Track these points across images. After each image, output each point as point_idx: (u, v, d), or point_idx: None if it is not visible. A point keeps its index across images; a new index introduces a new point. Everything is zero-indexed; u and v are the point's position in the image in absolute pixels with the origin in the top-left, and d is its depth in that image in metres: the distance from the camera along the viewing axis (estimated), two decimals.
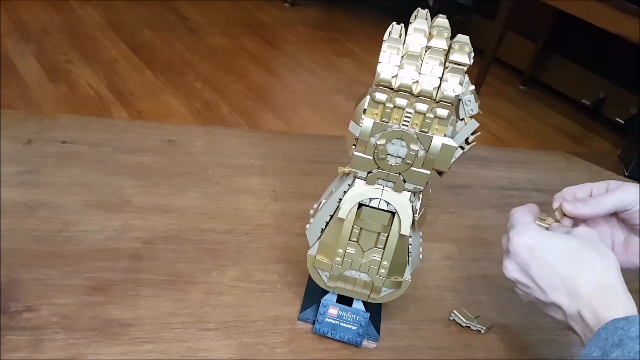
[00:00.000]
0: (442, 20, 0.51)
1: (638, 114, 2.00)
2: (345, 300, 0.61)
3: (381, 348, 0.62)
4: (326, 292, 0.61)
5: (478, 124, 0.52)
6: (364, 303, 0.61)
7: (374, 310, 0.62)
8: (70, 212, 0.69)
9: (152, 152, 0.82)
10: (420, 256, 0.60)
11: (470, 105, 0.52)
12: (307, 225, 0.59)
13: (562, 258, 0.51)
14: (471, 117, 0.52)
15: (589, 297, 0.49)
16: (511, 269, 0.54)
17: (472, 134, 0.52)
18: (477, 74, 2.35)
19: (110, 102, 1.77)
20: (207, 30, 2.36)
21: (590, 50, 2.26)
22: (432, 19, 0.52)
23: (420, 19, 0.50)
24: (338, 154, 0.91)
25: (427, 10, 0.51)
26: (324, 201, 0.57)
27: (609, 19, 1.84)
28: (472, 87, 0.52)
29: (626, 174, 1.05)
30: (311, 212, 0.60)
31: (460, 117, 0.52)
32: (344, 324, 0.60)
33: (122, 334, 0.56)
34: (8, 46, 1.93)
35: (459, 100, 0.51)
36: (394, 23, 0.51)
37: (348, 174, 0.54)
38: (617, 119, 2.14)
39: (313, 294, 0.63)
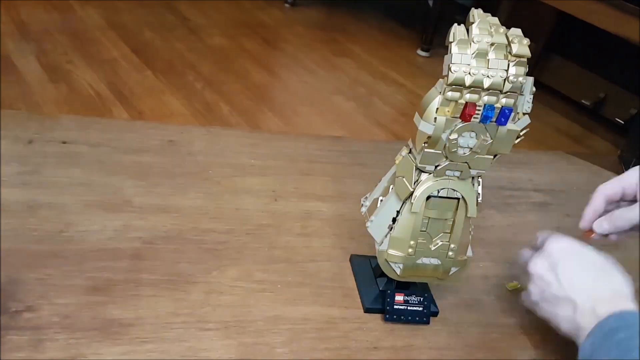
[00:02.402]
0: (493, 18, 0.54)
1: (638, 114, 2.00)
2: (399, 284, 0.65)
3: (381, 348, 0.62)
4: (380, 280, 0.66)
5: (530, 121, 0.56)
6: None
7: (424, 286, 0.67)
8: (71, 212, 0.69)
9: (153, 152, 0.82)
10: (472, 232, 0.64)
11: (528, 105, 0.56)
12: (368, 223, 0.63)
13: (589, 267, 0.57)
14: (525, 113, 0.56)
15: (607, 298, 0.54)
16: (540, 265, 0.59)
17: (522, 130, 0.56)
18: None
19: (111, 102, 1.77)
20: (207, 31, 2.36)
21: (590, 50, 2.26)
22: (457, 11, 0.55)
23: (480, 19, 0.53)
24: (338, 154, 0.91)
25: (480, 9, 0.54)
26: (382, 198, 0.62)
27: (609, 19, 1.84)
28: (534, 89, 0.56)
29: None
30: (363, 210, 0.65)
31: (516, 111, 0.56)
32: (411, 307, 0.64)
33: (122, 334, 0.56)
34: (9, 46, 1.93)
35: (521, 94, 0.55)
36: (456, 24, 0.53)
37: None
38: (617, 119, 2.14)
39: (365, 284, 0.67)
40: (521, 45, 0.52)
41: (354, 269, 0.70)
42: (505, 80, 0.52)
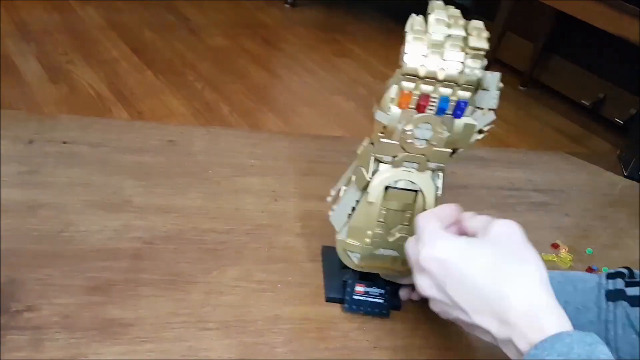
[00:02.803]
0: (454, 10, 0.54)
1: (637, 114, 2.00)
2: (363, 276, 0.65)
3: (381, 348, 0.62)
4: (345, 271, 0.65)
5: (495, 117, 0.55)
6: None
7: (392, 282, 0.66)
8: (71, 212, 0.69)
9: (153, 152, 0.82)
10: None
11: (494, 100, 0.55)
12: (330, 213, 0.63)
13: (482, 276, 0.44)
14: (490, 109, 0.55)
15: (520, 324, 0.43)
16: (425, 286, 0.48)
17: (486, 126, 0.55)
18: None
19: (111, 102, 1.77)
20: (207, 31, 2.36)
21: (590, 50, 2.26)
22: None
23: (439, 10, 0.52)
24: (338, 154, 0.91)
25: (441, 1, 0.54)
26: (344, 188, 0.62)
27: (609, 19, 1.84)
28: (502, 85, 0.55)
29: (625, 174, 1.05)
30: (328, 199, 0.64)
31: (480, 107, 0.55)
32: (371, 299, 0.64)
33: (122, 334, 0.56)
34: (9, 46, 1.93)
35: (485, 90, 0.54)
36: (414, 15, 0.53)
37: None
38: (617, 119, 2.15)
39: (332, 275, 0.67)
40: (479, 38, 0.51)
41: (323, 260, 0.70)
42: (461, 73, 0.51)
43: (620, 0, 1.80)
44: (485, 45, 0.51)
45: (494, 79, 0.53)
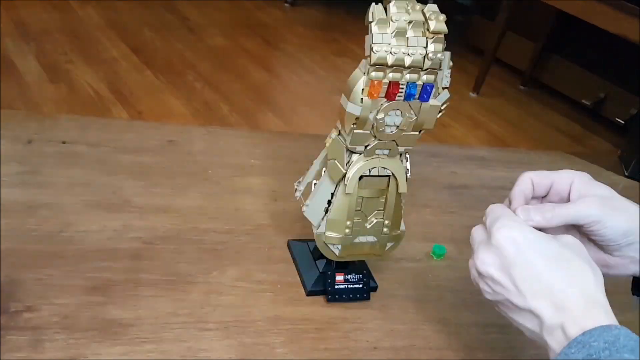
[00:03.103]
0: None
1: (638, 114, 2.00)
2: (338, 264, 0.66)
3: (381, 348, 0.62)
4: (320, 262, 0.66)
5: (450, 95, 0.56)
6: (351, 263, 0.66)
7: (363, 267, 0.68)
8: (71, 212, 0.69)
9: (152, 152, 0.82)
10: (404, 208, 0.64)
11: (447, 79, 0.56)
12: (304, 208, 0.63)
13: (553, 265, 0.47)
14: (444, 88, 0.57)
15: (578, 313, 0.45)
16: (489, 263, 0.49)
17: (442, 105, 0.57)
18: (477, 74, 2.35)
19: (111, 102, 1.78)
20: (207, 31, 2.36)
21: (590, 50, 2.26)
22: (448, 9, 0.57)
23: None
24: None
25: None
26: (315, 182, 0.63)
27: (609, 19, 1.84)
28: (451, 63, 0.56)
29: (626, 174, 1.05)
30: (297, 194, 0.65)
31: (437, 87, 0.56)
32: (351, 286, 0.65)
33: (122, 334, 0.56)
34: (8, 46, 1.93)
35: (439, 69, 0.55)
36: (374, 4, 0.53)
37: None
38: (617, 119, 2.15)
39: (307, 269, 0.67)
40: (438, 21, 0.52)
41: (292, 254, 0.70)
42: (424, 57, 0.52)
43: (621, 0, 1.80)
44: (444, 28, 0.52)
45: (445, 58, 0.54)
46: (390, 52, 0.51)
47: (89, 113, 1.69)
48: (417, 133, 0.57)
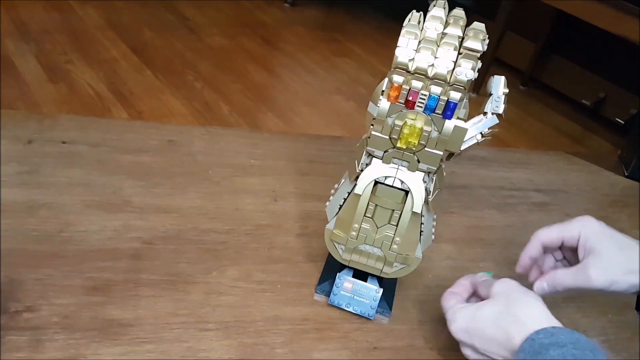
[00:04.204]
0: (458, 11, 0.54)
1: (638, 114, 2.00)
2: (361, 277, 0.64)
3: (381, 348, 0.62)
4: (343, 268, 0.64)
5: (498, 121, 0.55)
6: (379, 280, 0.64)
7: (389, 288, 0.65)
8: (71, 212, 0.69)
9: (152, 152, 0.82)
10: (433, 237, 0.63)
11: (498, 104, 0.55)
12: (327, 203, 0.63)
13: (495, 326, 0.54)
14: (494, 114, 0.56)
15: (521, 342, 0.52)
16: (468, 353, 0.57)
17: (489, 129, 0.56)
18: (477, 74, 2.34)
19: (111, 102, 1.77)
20: (207, 31, 2.36)
21: (590, 50, 2.26)
22: (450, 9, 0.55)
23: (438, 8, 0.52)
24: (338, 154, 0.91)
25: (445, 0, 0.54)
26: (343, 180, 0.62)
27: (609, 19, 1.84)
28: (507, 90, 0.55)
29: (626, 174, 1.05)
30: (332, 191, 0.64)
31: (484, 111, 0.56)
32: (358, 298, 0.64)
33: (122, 334, 0.56)
34: (8, 46, 1.93)
35: (490, 95, 0.55)
36: (414, 11, 0.53)
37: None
38: (617, 119, 2.14)
39: (331, 270, 0.66)
40: (475, 39, 0.51)
41: (328, 256, 0.69)
42: (451, 72, 0.50)
43: (621, 0, 1.80)
44: (479, 46, 0.50)
45: (498, 82, 0.53)
46: (413, 58, 0.50)
47: (89, 113, 1.69)
48: (440, 153, 0.54)
